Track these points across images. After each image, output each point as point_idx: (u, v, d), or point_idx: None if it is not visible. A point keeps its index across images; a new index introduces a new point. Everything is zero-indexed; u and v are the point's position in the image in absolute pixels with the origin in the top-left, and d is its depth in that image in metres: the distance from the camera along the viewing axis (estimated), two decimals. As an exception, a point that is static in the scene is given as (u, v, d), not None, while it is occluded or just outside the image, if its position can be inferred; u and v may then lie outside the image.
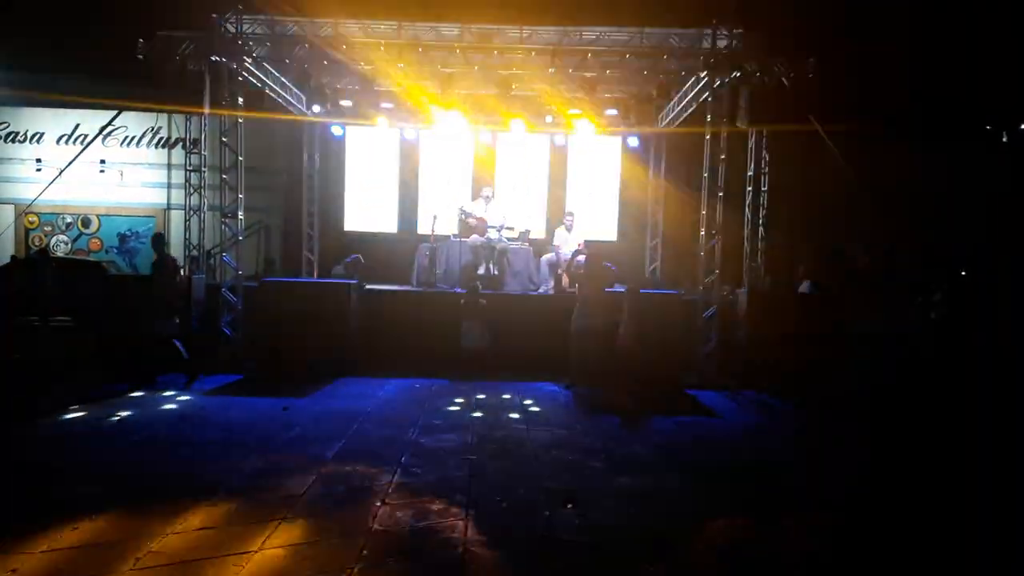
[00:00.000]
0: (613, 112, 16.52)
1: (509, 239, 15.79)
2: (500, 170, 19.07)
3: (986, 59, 23.77)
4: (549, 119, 16.23)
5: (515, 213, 17.44)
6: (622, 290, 12.16)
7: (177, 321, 11.91)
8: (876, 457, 8.38)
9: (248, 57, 13.01)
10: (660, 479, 7.02)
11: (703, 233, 12.83)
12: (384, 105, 16.11)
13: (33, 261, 17.67)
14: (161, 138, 20.78)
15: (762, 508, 6.34)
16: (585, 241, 14.31)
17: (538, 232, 17.56)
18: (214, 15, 12.71)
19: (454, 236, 15.76)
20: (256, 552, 5.03)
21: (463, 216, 15.89)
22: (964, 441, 9.32)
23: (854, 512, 6.32)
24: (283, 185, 19.56)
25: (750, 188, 13.82)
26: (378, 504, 5.97)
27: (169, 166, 20.20)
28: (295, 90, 15.98)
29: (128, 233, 21.13)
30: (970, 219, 21.36)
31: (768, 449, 8.47)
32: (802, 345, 11.95)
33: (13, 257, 18.26)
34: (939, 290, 10.48)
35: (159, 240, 12.04)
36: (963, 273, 20.64)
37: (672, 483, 6.93)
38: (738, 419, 10.00)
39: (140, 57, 12.65)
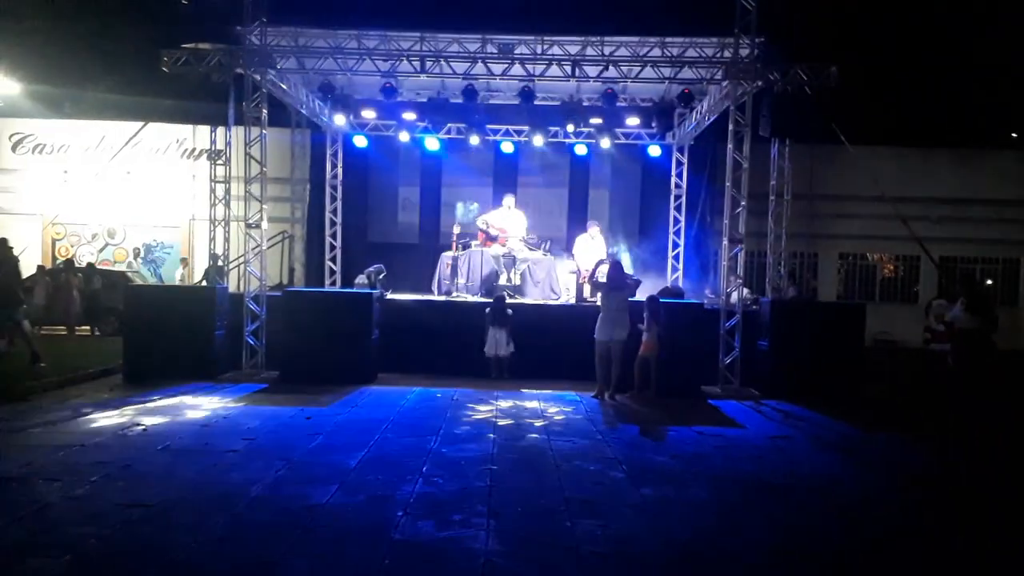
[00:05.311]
0: (634, 121, 16.48)
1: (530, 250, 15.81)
2: (522, 179, 19.10)
3: (1013, 69, 23.57)
4: (571, 128, 16.23)
5: (537, 222, 17.45)
6: (644, 300, 12.14)
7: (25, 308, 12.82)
8: (902, 465, 8.30)
9: (272, 69, 13.11)
10: (682, 490, 6.98)
11: (726, 242, 12.77)
12: (407, 115, 16.16)
13: (58, 271, 17.92)
14: (186, 149, 21.00)
15: (785, 521, 6.29)
16: (608, 252, 14.31)
17: (560, 241, 17.54)
18: (239, 28, 12.82)
19: (476, 245, 15.79)
20: (278, 561, 5.05)
21: (485, 227, 15.93)
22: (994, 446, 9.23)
23: (887, 524, 6.27)
24: (306, 196, 19.70)
25: (773, 197, 13.75)
26: (400, 514, 5.97)
27: (194, 177, 20.40)
28: (319, 101, 16.09)
29: (153, 243, 21.33)
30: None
31: (792, 460, 8.40)
32: (826, 355, 11.86)
33: (40, 267, 18.49)
34: (960, 299, 10.34)
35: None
36: (988, 282, 20.45)
37: (695, 494, 6.89)
38: (761, 430, 9.93)
39: (165, 69, 12.78)
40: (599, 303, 11.95)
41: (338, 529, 5.65)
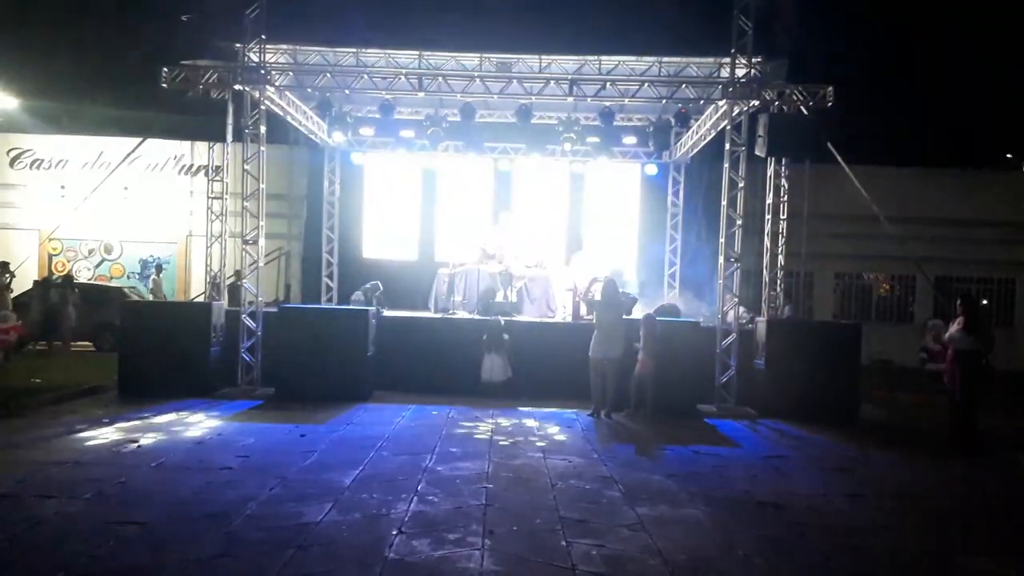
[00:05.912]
0: (631, 140, 16.56)
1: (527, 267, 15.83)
2: (518, 197, 19.12)
3: (1007, 88, 23.71)
4: (567, 146, 16.26)
5: (533, 240, 17.46)
6: (640, 318, 12.13)
7: None
8: (898, 486, 8.28)
9: (271, 86, 13.15)
10: (679, 509, 6.97)
11: (722, 261, 12.79)
12: (404, 133, 16.21)
13: (56, 286, 17.87)
14: (184, 165, 21.05)
15: (780, 540, 6.27)
16: (613, 269, 14.31)
17: (556, 259, 17.55)
18: (238, 45, 12.87)
19: (473, 262, 15.80)
20: (272, 580, 5.03)
21: (482, 246, 15.97)
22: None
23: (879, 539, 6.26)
24: (303, 212, 19.72)
25: (768, 216, 13.79)
26: (395, 532, 5.95)
27: (191, 193, 20.45)
28: (316, 118, 16.12)
29: (150, 259, 21.33)
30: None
31: (787, 480, 8.38)
32: (822, 374, 11.85)
33: (36, 282, 18.45)
34: (957, 319, 10.33)
35: None
36: (984, 302, 20.48)
37: (691, 513, 6.87)
38: (757, 449, 9.92)
39: (164, 85, 12.82)
40: (595, 321, 11.94)
41: (332, 547, 5.63)
